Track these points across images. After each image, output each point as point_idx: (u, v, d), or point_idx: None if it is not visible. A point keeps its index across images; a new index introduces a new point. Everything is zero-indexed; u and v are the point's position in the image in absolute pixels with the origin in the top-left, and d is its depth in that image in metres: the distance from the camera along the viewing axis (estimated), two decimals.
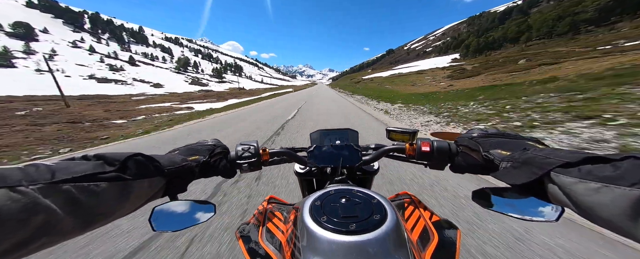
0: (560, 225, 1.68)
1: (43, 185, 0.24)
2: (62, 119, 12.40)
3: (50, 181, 0.25)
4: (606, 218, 0.23)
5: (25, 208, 0.22)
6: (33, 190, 0.23)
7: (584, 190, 0.25)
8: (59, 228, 0.24)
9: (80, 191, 0.26)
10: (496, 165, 0.40)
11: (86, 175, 0.28)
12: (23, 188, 0.22)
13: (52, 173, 0.26)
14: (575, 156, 0.28)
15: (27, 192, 0.22)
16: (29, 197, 0.22)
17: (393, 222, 0.34)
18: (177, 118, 11.17)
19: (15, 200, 0.21)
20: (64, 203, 0.25)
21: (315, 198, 0.41)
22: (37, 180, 0.24)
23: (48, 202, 0.23)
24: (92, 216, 0.28)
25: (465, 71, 33.23)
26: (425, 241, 0.42)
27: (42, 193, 0.23)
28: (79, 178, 0.27)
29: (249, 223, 0.53)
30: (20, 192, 0.22)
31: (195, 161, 0.47)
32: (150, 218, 0.41)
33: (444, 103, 9.45)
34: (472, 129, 0.52)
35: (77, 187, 0.26)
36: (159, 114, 14.69)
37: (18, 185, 0.22)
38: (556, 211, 0.33)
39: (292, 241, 0.38)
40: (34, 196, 0.23)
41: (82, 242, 1.74)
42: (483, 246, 1.54)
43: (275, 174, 2.80)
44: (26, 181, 0.23)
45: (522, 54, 36.31)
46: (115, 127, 9.99)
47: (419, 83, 30.39)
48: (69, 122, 11.59)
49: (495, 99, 8.21)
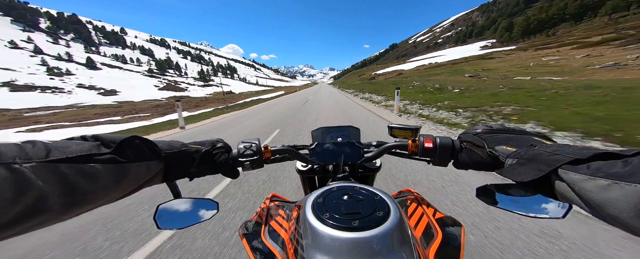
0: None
1: (36, 163, 0.23)
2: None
3: (44, 159, 0.24)
4: (616, 215, 0.22)
5: (17, 186, 0.21)
6: (26, 168, 0.22)
7: (593, 187, 0.24)
8: (50, 208, 0.24)
9: (74, 172, 0.26)
10: (502, 162, 0.39)
11: (81, 155, 0.27)
12: (17, 166, 0.22)
13: (47, 151, 0.25)
14: (584, 153, 0.27)
15: (19, 170, 0.22)
16: (22, 175, 0.22)
17: (396, 219, 0.34)
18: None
19: (6, 177, 0.21)
20: (57, 183, 0.24)
21: (317, 195, 0.40)
22: (32, 157, 0.24)
23: (40, 182, 0.23)
24: (84, 197, 0.27)
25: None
26: (429, 238, 0.41)
27: (35, 171, 0.23)
28: (74, 159, 0.26)
29: (252, 221, 0.52)
30: (12, 170, 0.22)
31: (196, 149, 0.47)
32: (154, 216, 0.41)
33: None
34: (476, 125, 0.51)
35: (71, 167, 0.26)
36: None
37: (12, 162, 0.22)
38: (562, 208, 0.33)
39: (295, 238, 0.38)
40: (26, 175, 0.22)
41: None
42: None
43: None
44: (20, 158, 0.23)
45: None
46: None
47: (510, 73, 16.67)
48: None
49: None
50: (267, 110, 12.33)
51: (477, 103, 7.23)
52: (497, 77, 17.38)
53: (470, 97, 8.83)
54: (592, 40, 27.44)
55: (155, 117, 19.87)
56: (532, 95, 7.80)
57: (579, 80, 11.48)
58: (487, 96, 8.67)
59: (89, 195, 0.27)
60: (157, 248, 1.63)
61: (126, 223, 1.96)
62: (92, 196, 0.28)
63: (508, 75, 17.87)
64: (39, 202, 0.23)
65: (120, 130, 12.18)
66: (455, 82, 16.06)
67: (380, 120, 6.68)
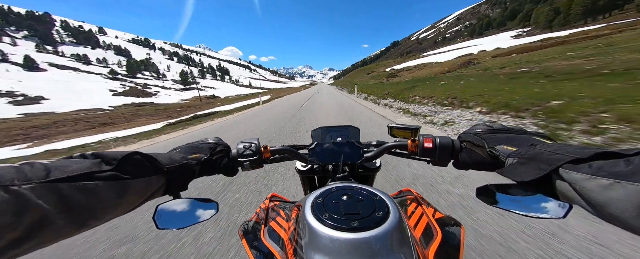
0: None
1: (36, 184, 0.23)
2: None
3: (44, 180, 0.24)
4: (619, 215, 0.22)
5: (17, 207, 0.21)
6: (25, 189, 0.23)
7: (595, 186, 0.24)
8: (53, 228, 0.24)
9: (76, 191, 0.26)
10: (502, 161, 0.39)
11: (82, 174, 0.27)
12: (15, 188, 0.22)
13: (47, 171, 0.25)
14: (586, 152, 0.27)
15: (19, 192, 0.22)
16: (21, 197, 0.22)
17: (396, 219, 0.34)
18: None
19: (6, 200, 0.21)
20: (58, 203, 0.24)
21: (317, 195, 0.40)
22: (31, 179, 0.24)
23: (41, 202, 0.23)
24: (87, 215, 0.27)
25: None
26: (428, 238, 0.41)
27: (35, 192, 0.23)
28: (74, 177, 0.26)
29: (251, 221, 0.52)
30: (11, 192, 0.22)
31: (196, 160, 0.46)
32: (154, 216, 0.41)
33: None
34: (476, 124, 0.51)
35: (72, 186, 0.26)
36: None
37: (10, 184, 0.22)
38: (563, 208, 0.32)
39: (295, 239, 0.38)
40: (26, 196, 0.22)
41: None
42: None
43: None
44: (19, 180, 0.23)
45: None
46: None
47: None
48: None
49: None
50: (225, 133, 6.87)
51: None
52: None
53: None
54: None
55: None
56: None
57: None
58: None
59: (92, 212, 0.28)
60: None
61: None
62: (96, 213, 0.28)
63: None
64: (42, 222, 0.23)
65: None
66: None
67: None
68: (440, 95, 7.59)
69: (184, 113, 26.14)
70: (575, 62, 11.14)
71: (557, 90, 5.15)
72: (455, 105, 6.17)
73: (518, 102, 4.65)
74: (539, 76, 7.99)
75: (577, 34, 31.33)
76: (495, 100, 5.31)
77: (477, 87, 7.70)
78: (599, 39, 20.81)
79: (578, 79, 6.25)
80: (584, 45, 18.83)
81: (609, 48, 13.81)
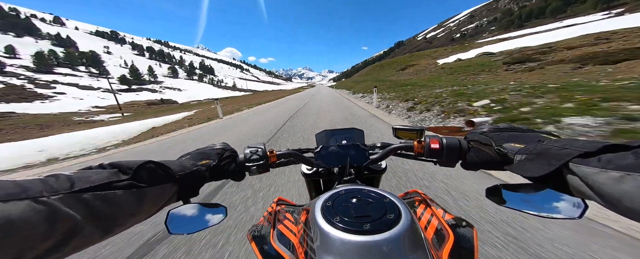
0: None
1: (63, 195, 0.25)
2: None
3: (70, 191, 0.25)
4: (633, 207, 0.22)
5: (49, 218, 0.22)
6: (54, 200, 0.23)
7: (606, 179, 0.24)
8: (82, 236, 0.25)
9: (99, 200, 0.27)
10: (510, 159, 0.39)
11: (103, 184, 0.28)
12: (45, 199, 0.23)
13: (71, 182, 0.26)
14: (593, 146, 0.27)
15: (49, 202, 0.23)
16: (51, 207, 0.23)
17: (408, 221, 0.33)
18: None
19: (39, 210, 0.22)
20: (84, 212, 0.25)
21: (326, 198, 0.40)
22: (58, 190, 0.25)
23: (69, 211, 0.24)
24: (111, 223, 0.28)
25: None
26: (440, 240, 0.40)
27: (63, 202, 0.24)
28: (96, 187, 0.28)
29: (260, 225, 0.52)
30: (42, 203, 0.23)
31: (206, 166, 0.47)
32: (166, 221, 0.41)
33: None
34: (482, 124, 0.51)
35: (95, 196, 0.27)
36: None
37: (40, 196, 0.23)
38: (578, 207, 0.32)
39: (305, 242, 0.38)
40: (55, 206, 0.23)
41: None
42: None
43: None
44: (47, 192, 0.24)
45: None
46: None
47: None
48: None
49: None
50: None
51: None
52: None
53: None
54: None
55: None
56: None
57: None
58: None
59: (115, 219, 0.29)
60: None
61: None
62: (118, 221, 0.29)
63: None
64: (73, 230, 0.24)
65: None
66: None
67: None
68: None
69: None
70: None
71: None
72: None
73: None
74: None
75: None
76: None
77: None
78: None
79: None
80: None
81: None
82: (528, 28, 61.62)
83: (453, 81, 14.02)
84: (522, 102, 4.33)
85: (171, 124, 9.83)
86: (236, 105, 17.61)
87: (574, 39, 18.69)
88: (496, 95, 5.23)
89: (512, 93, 5.11)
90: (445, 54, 34.59)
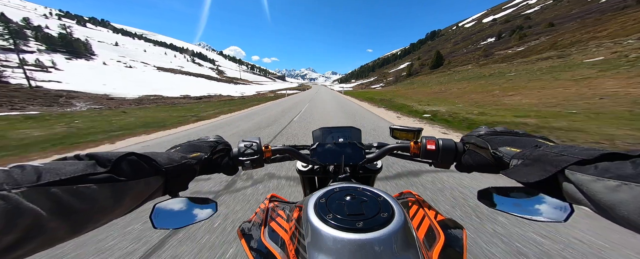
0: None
1: (27, 188, 0.23)
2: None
3: (35, 184, 0.23)
4: (627, 217, 0.22)
5: (7, 213, 0.21)
6: (16, 194, 0.22)
7: (602, 188, 0.24)
8: (47, 233, 0.23)
9: (69, 194, 0.25)
10: (506, 163, 0.38)
11: (75, 176, 0.26)
12: (4, 192, 0.21)
13: (38, 175, 0.24)
14: (591, 153, 0.27)
15: (8, 196, 0.21)
16: (11, 202, 0.21)
17: (401, 220, 0.33)
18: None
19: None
20: (51, 207, 0.23)
21: (319, 195, 0.40)
22: (21, 183, 0.23)
23: (32, 206, 0.22)
24: (83, 219, 0.26)
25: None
26: (431, 240, 0.41)
27: (26, 197, 0.22)
28: (67, 180, 0.25)
29: (251, 221, 0.52)
30: (1, 197, 0.21)
31: (196, 159, 0.45)
32: (151, 215, 0.40)
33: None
34: (479, 127, 0.51)
35: (65, 190, 0.25)
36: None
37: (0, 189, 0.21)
38: (564, 212, 0.32)
39: (296, 239, 0.37)
40: (16, 201, 0.22)
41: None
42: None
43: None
44: (8, 184, 0.22)
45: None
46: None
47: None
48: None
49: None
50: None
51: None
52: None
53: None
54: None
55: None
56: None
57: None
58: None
59: (88, 215, 0.27)
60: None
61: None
62: (91, 217, 0.27)
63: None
64: (36, 226, 0.22)
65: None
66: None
67: None
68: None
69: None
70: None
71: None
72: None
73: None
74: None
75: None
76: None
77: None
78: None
79: None
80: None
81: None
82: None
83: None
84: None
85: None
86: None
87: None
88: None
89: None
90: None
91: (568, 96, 8.76)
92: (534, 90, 11.54)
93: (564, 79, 12.90)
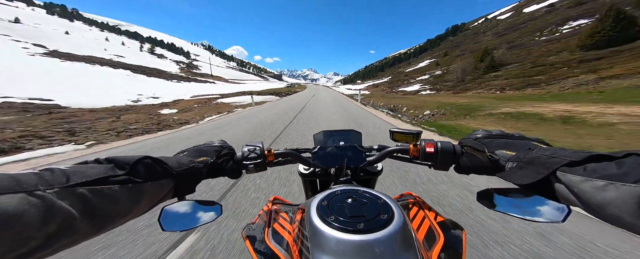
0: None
1: (59, 188, 0.24)
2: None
3: (65, 184, 0.25)
4: (615, 214, 0.23)
5: (44, 211, 0.22)
6: (50, 194, 0.23)
7: (590, 187, 0.25)
8: (76, 230, 0.25)
9: (94, 194, 0.27)
10: (502, 166, 0.40)
11: (99, 178, 0.28)
12: (40, 192, 0.23)
13: (67, 176, 0.26)
14: (579, 155, 0.28)
15: (44, 196, 0.23)
16: (47, 201, 0.23)
17: (400, 222, 0.34)
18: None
19: (34, 204, 0.22)
20: (80, 206, 0.25)
21: (321, 198, 0.41)
22: (53, 184, 0.24)
23: (65, 205, 0.24)
24: (106, 217, 0.28)
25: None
26: (431, 241, 0.41)
27: (59, 196, 0.24)
28: (92, 181, 0.27)
29: (255, 223, 0.53)
30: (37, 196, 0.22)
31: (203, 163, 0.47)
32: (159, 217, 0.41)
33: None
34: (476, 130, 0.52)
35: (91, 190, 0.26)
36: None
37: (35, 189, 0.23)
38: (562, 212, 0.33)
39: (300, 240, 0.38)
40: (51, 200, 0.23)
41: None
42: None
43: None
44: (43, 185, 0.23)
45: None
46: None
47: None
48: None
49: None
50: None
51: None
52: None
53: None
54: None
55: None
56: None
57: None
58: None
59: (110, 214, 0.28)
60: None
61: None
62: (114, 216, 0.29)
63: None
64: (67, 225, 0.24)
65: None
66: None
67: None
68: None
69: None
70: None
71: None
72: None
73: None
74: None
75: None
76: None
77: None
78: None
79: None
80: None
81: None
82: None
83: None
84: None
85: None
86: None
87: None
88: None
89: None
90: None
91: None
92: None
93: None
